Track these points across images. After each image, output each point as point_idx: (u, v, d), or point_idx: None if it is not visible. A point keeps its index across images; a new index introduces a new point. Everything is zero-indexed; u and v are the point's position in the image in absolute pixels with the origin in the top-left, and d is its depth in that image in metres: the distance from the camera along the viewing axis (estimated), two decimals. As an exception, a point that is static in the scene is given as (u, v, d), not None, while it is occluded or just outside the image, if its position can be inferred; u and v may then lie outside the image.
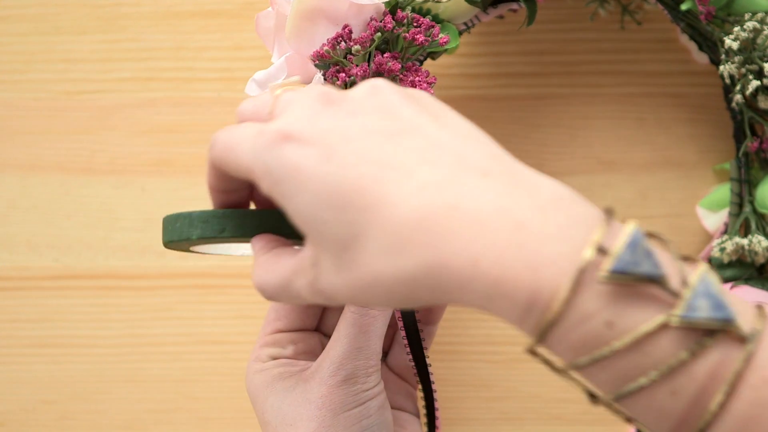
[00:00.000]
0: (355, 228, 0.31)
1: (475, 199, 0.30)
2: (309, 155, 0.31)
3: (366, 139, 0.32)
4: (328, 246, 0.32)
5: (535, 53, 0.54)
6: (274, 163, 0.32)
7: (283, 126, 0.32)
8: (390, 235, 0.30)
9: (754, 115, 0.48)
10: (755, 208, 0.49)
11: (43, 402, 0.56)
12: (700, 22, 0.48)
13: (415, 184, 0.30)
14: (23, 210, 0.56)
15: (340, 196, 0.31)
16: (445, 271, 0.30)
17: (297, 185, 0.31)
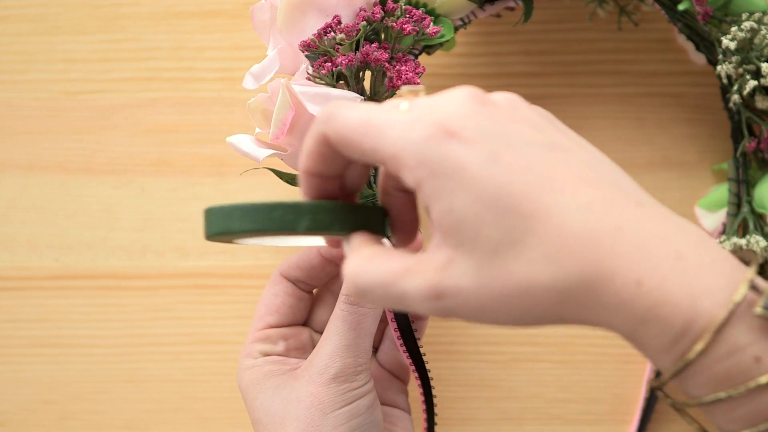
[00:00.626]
0: (514, 234, 0.31)
1: (637, 224, 0.31)
2: (474, 154, 0.31)
3: (528, 149, 0.32)
4: (476, 248, 0.31)
5: (535, 53, 0.54)
6: (434, 157, 0.31)
7: (444, 119, 0.32)
8: (553, 245, 0.31)
9: (752, 115, 0.48)
10: (753, 208, 0.49)
11: (43, 402, 0.56)
12: (697, 22, 0.48)
13: (582, 200, 0.31)
14: (23, 210, 0.56)
15: (504, 199, 0.31)
16: (606, 288, 0.30)
17: (458, 183, 0.31)
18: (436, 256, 0.32)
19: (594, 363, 0.54)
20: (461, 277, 0.31)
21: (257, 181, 0.55)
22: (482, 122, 0.32)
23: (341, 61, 0.40)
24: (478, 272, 0.31)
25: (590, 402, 0.55)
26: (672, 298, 0.30)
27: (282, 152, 0.41)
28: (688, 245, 0.31)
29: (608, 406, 0.54)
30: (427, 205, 0.32)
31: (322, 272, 0.45)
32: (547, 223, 0.31)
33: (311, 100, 0.40)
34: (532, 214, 0.31)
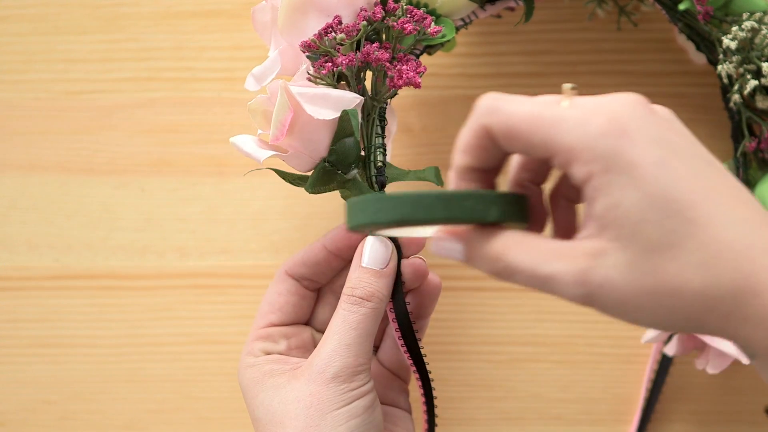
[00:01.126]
0: (674, 236, 0.33)
1: None
2: (646, 155, 0.33)
3: (693, 160, 0.34)
4: (633, 244, 0.33)
5: (535, 53, 0.54)
6: (609, 152, 0.33)
7: (618, 118, 0.34)
8: (710, 253, 0.32)
9: (752, 114, 0.48)
10: (753, 208, 0.49)
11: (43, 402, 0.56)
12: (698, 22, 0.48)
13: (739, 216, 0.33)
14: (23, 210, 0.56)
15: (670, 202, 0.32)
16: (754, 300, 0.32)
17: (629, 179, 0.33)
18: (588, 244, 0.33)
19: (594, 363, 0.54)
20: (612, 268, 0.33)
21: (258, 181, 0.55)
22: (652, 127, 0.34)
23: (342, 61, 0.40)
24: (631, 267, 0.33)
25: (590, 402, 0.55)
26: None
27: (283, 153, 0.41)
28: None
29: (608, 406, 0.54)
30: (592, 197, 0.33)
31: (327, 267, 0.45)
32: (706, 231, 0.33)
33: (310, 102, 0.40)
34: (694, 220, 0.33)
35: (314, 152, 0.41)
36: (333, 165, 0.41)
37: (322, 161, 0.41)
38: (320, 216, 0.55)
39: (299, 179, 0.43)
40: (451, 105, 0.54)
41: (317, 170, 0.41)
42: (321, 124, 0.40)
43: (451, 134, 0.55)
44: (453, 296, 0.54)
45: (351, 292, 0.41)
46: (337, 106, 0.40)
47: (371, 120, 0.42)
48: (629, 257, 0.33)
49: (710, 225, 0.33)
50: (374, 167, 0.42)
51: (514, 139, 0.35)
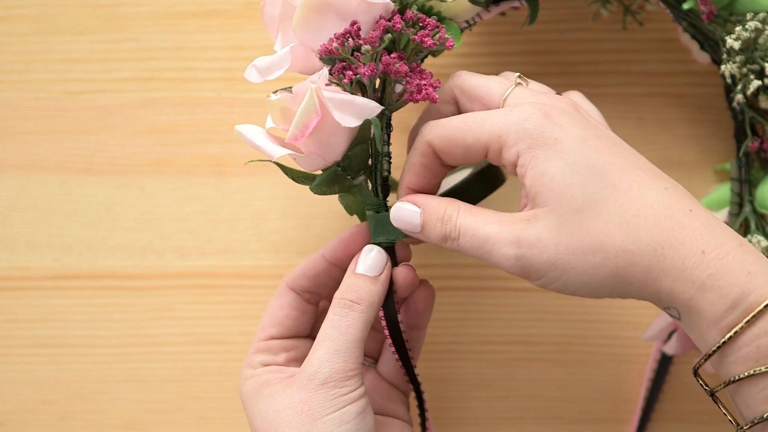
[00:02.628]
0: (597, 197, 0.36)
1: (703, 211, 0.37)
2: (568, 134, 0.37)
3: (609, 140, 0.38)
4: (561, 205, 0.36)
5: (535, 53, 0.54)
6: (533, 131, 0.37)
7: (542, 106, 0.38)
8: (630, 212, 0.36)
9: (755, 114, 0.48)
10: (755, 208, 0.49)
11: (43, 402, 0.56)
12: (701, 22, 0.48)
13: (658, 185, 0.37)
14: (23, 210, 0.56)
15: (592, 169, 0.37)
16: (672, 253, 0.35)
17: (552, 152, 0.37)
18: (523, 213, 0.38)
19: (594, 363, 0.54)
20: (542, 229, 0.37)
21: (258, 181, 0.55)
22: (572, 113, 0.39)
23: (364, 72, 0.40)
24: (559, 227, 0.36)
25: (590, 402, 0.55)
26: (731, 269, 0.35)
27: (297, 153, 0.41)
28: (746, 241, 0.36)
29: (608, 406, 0.54)
30: (522, 174, 0.38)
31: (328, 278, 0.45)
32: (628, 193, 0.36)
33: (337, 107, 0.39)
34: (615, 184, 0.36)
35: (328, 155, 0.41)
36: (344, 170, 0.41)
37: (335, 165, 0.41)
38: (320, 216, 0.55)
39: (305, 178, 0.43)
40: (451, 105, 0.54)
41: (328, 173, 0.41)
42: (341, 131, 0.40)
43: (451, 134, 0.55)
44: (453, 296, 0.54)
45: (341, 296, 0.40)
46: (362, 114, 0.40)
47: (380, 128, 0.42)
48: (557, 218, 0.36)
49: (631, 189, 0.36)
50: (381, 176, 0.42)
51: (453, 146, 0.39)
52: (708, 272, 0.35)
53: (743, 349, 0.34)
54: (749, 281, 0.34)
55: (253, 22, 0.55)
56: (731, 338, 0.34)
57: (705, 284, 0.35)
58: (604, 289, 0.37)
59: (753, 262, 0.35)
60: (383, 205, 0.42)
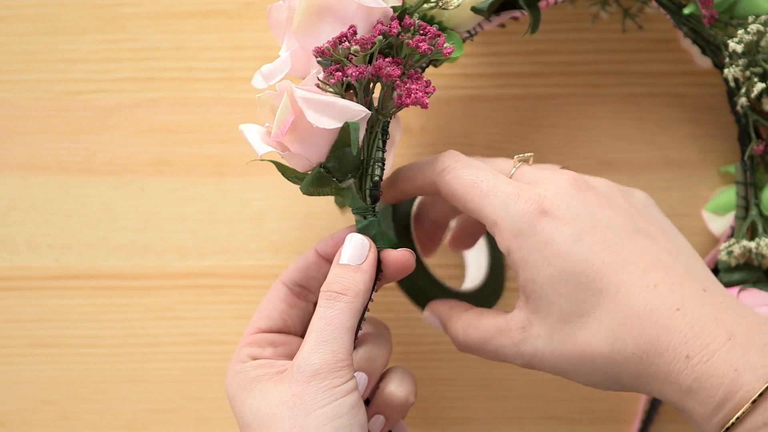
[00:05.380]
0: (584, 306, 0.37)
1: (696, 307, 0.36)
2: (562, 232, 0.38)
3: (611, 231, 0.38)
4: (550, 316, 0.38)
5: (535, 53, 0.54)
6: (527, 232, 0.38)
7: (542, 198, 0.39)
8: (615, 320, 0.37)
9: (759, 118, 0.48)
10: (761, 211, 0.49)
11: (43, 402, 0.56)
12: (702, 26, 0.48)
13: (649, 282, 0.37)
14: (23, 210, 0.56)
15: (580, 275, 0.37)
16: (657, 360, 0.36)
17: (543, 257, 0.38)
18: (518, 317, 0.39)
19: (594, 363, 0.54)
20: (537, 339, 0.39)
21: (258, 181, 0.55)
22: (575, 205, 0.38)
23: (351, 73, 0.40)
24: (550, 337, 0.38)
25: (590, 402, 0.54)
26: (716, 371, 0.35)
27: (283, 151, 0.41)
28: (743, 329, 0.36)
29: (608, 406, 0.54)
30: (515, 270, 0.39)
31: (318, 272, 0.45)
32: (613, 300, 0.37)
33: (313, 108, 0.39)
34: (601, 290, 0.37)
35: (312, 156, 0.41)
36: (329, 171, 0.41)
37: (319, 166, 0.41)
38: (320, 216, 0.55)
39: (297, 177, 0.43)
40: (450, 105, 0.54)
41: (312, 174, 0.41)
42: (321, 131, 0.40)
43: (450, 134, 0.55)
44: (453, 296, 0.54)
45: (327, 288, 0.40)
46: (341, 117, 0.40)
47: (374, 133, 0.42)
48: (548, 328, 0.38)
49: (618, 293, 0.37)
50: (371, 180, 0.42)
51: (454, 201, 0.41)
52: (693, 376, 0.35)
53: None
54: (736, 379, 0.35)
55: (253, 22, 0.55)
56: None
57: (691, 387, 0.36)
58: (601, 387, 0.39)
59: (741, 357, 0.35)
60: (370, 211, 0.42)
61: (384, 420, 0.43)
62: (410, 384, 0.43)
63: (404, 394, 0.43)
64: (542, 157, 0.54)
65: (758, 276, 0.48)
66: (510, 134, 0.54)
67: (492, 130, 0.55)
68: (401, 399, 0.43)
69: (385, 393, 0.43)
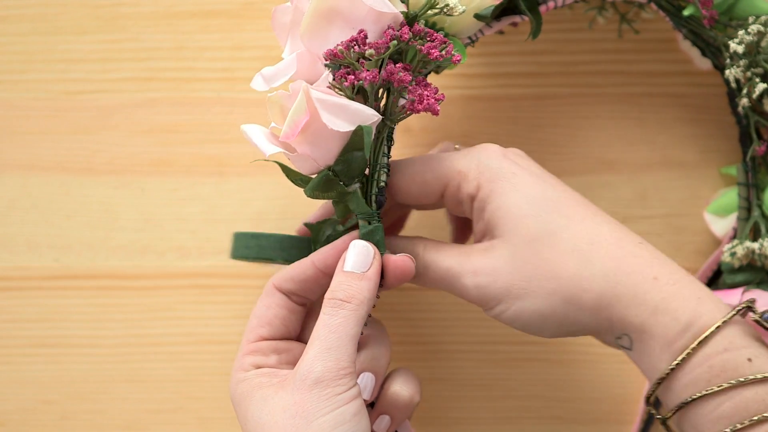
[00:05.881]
0: (551, 226, 0.38)
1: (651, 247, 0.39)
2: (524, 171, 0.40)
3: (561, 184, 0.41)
4: (516, 235, 0.39)
5: (535, 53, 0.54)
6: (493, 166, 0.40)
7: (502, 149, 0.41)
8: (585, 241, 0.38)
9: (761, 119, 0.48)
10: (764, 212, 0.49)
11: (43, 402, 0.56)
12: (702, 28, 0.48)
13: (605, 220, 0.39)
14: (23, 210, 0.56)
15: (548, 201, 0.39)
16: (625, 279, 0.37)
17: (510, 185, 0.39)
18: (482, 244, 0.40)
19: (594, 363, 0.54)
20: (498, 258, 0.39)
21: (257, 181, 0.55)
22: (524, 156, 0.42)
23: (366, 76, 0.40)
24: (514, 255, 0.38)
25: (590, 402, 0.55)
26: (682, 294, 0.36)
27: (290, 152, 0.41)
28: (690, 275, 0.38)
29: (608, 406, 0.54)
30: (481, 207, 0.40)
31: (315, 284, 0.44)
32: (581, 224, 0.38)
33: (328, 110, 0.39)
34: (569, 215, 0.38)
35: (321, 158, 0.41)
36: (336, 175, 0.41)
37: (327, 169, 0.41)
38: (320, 216, 0.55)
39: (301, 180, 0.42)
40: (450, 105, 0.54)
41: (320, 177, 0.41)
42: (333, 134, 0.40)
43: (450, 134, 0.55)
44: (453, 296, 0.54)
45: (331, 296, 0.40)
46: (354, 120, 0.40)
47: (381, 139, 0.42)
48: (512, 247, 0.39)
49: (585, 220, 0.38)
50: (376, 186, 0.42)
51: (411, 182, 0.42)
52: (661, 296, 0.37)
53: (695, 371, 0.36)
54: (699, 305, 0.36)
55: (253, 22, 0.55)
56: (684, 360, 0.36)
57: (658, 308, 0.37)
58: (556, 317, 0.39)
59: (701, 289, 0.37)
60: (375, 216, 0.42)
61: (389, 420, 0.43)
62: (415, 384, 0.43)
63: (409, 394, 0.43)
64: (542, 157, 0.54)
65: (762, 277, 0.48)
66: (510, 134, 0.54)
67: (492, 130, 0.55)
68: (406, 398, 0.43)
69: (390, 393, 0.43)
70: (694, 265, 0.53)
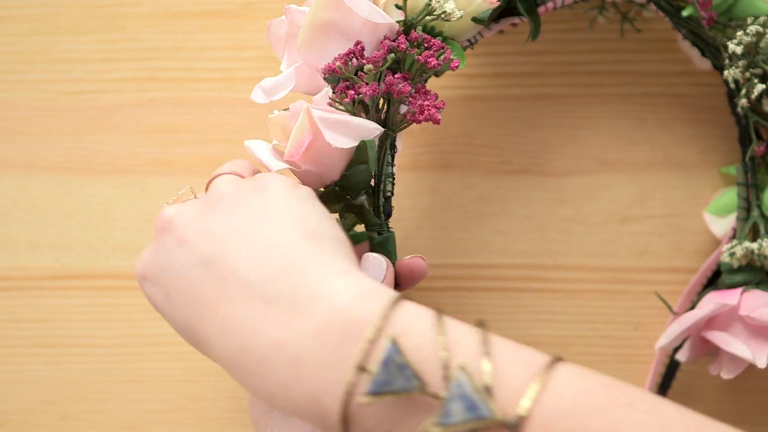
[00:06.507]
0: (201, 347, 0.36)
1: (259, 336, 0.33)
2: (157, 294, 0.37)
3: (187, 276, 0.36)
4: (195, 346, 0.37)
5: (535, 53, 0.54)
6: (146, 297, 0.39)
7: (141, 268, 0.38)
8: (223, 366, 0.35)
9: (759, 119, 0.48)
10: (763, 212, 0.49)
11: (43, 402, 0.56)
12: (702, 28, 0.48)
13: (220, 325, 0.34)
14: (23, 210, 0.56)
15: (182, 332, 0.37)
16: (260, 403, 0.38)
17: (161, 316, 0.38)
18: None
19: (594, 363, 0.54)
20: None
21: (257, 181, 0.55)
22: (160, 260, 0.37)
23: (366, 91, 0.40)
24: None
25: (590, 402, 0.54)
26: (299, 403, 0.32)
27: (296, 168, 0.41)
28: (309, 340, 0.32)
29: (608, 407, 0.54)
30: None
31: None
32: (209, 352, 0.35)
33: (330, 128, 0.39)
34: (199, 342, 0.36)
35: (326, 175, 0.41)
36: (343, 189, 0.41)
37: (333, 184, 0.41)
38: (320, 216, 0.55)
39: None
40: (450, 105, 0.54)
41: (327, 192, 0.41)
42: (337, 151, 0.40)
43: (450, 134, 0.55)
44: (453, 296, 0.54)
45: None
46: (357, 135, 0.40)
47: (384, 149, 0.42)
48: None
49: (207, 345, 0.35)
50: (383, 196, 0.42)
51: None
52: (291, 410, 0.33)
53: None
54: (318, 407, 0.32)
55: (253, 22, 0.55)
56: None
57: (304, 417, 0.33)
58: None
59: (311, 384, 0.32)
60: (385, 227, 0.42)
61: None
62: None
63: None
64: (542, 157, 0.54)
65: (761, 277, 0.48)
66: (510, 134, 0.54)
67: (492, 130, 0.55)
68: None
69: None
70: (693, 265, 0.53)
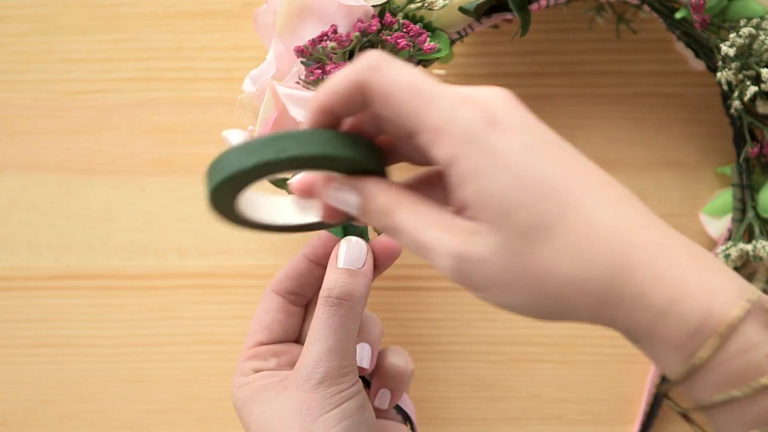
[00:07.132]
0: (545, 218, 0.32)
1: (656, 227, 0.33)
2: (515, 142, 0.33)
3: (559, 147, 0.34)
4: (507, 226, 0.32)
5: (535, 53, 0.54)
6: (478, 138, 0.32)
7: (489, 106, 0.33)
8: (581, 236, 0.32)
9: (753, 120, 0.48)
10: (758, 213, 0.49)
11: (43, 402, 0.56)
12: (695, 30, 0.48)
13: (608, 198, 0.33)
14: (23, 210, 0.56)
15: (541, 185, 0.32)
16: (628, 281, 0.32)
17: (497, 165, 0.32)
18: (467, 223, 0.33)
19: (594, 363, 0.54)
20: (486, 247, 0.33)
21: (257, 181, 0.55)
22: (520, 116, 0.34)
23: (330, 69, 0.40)
24: (503, 248, 0.33)
25: (590, 402, 0.55)
26: (690, 292, 0.31)
27: None
28: (701, 251, 0.33)
29: (609, 406, 0.54)
30: (459, 183, 0.33)
31: (311, 278, 0.44)
32: (577, 213, 0.32)
33: (296, 104, 0.40)
34: (565, 202, 0.32)
35: None
36: None
37: None
38: (320, 216, 0.55)
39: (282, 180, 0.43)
40: (451, 105, 0.54)
41: None
42: None
43: (451, 134, 0.55)
44: (452, 296, 0.54)
45: (327, 294, 0.40)
46: None
47: None
48: (502, 239, 0.33)
49: (580, 206, 0.33)
50: None
51: (388, 104, 0.33)
52: (667, 297, 0.32)
53: (712, 376, 0.32)
54: (710, 302, 0.32)
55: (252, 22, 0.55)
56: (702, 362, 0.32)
57: (665, 311, 0.32)
58: (546, 313, 0.34)
59: (711, 278, 0.33)
60: None
61: (390, 394, 0.43)
62: (405, 354, 0.44)
63: (403, 362, 0.43)
64: (542, 157, 0.54)
65: (755, 278, 0.49)
66: (510, 134, 0.54)
67: (492, 130, 0.55)
68: (402, 367, 0.43)
69: (386, 365, 0.43)
70: (693, 265, 0.53)
